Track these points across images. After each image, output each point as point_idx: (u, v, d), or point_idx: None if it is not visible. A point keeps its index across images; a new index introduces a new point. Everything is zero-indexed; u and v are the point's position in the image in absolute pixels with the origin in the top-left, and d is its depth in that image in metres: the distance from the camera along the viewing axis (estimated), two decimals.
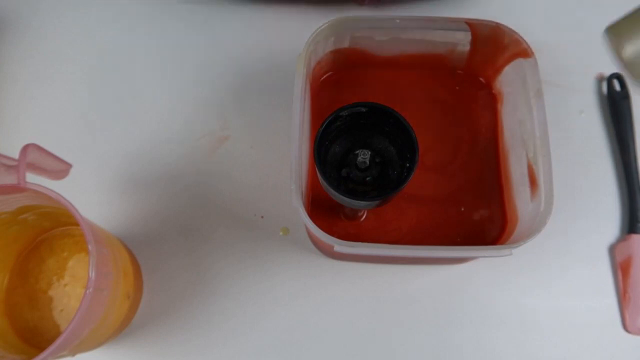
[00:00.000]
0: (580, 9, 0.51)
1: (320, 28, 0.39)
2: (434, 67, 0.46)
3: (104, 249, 0.34)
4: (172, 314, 0.43)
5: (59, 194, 0.32)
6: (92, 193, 0.45)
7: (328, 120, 0.34)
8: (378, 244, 0.35)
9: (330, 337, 0.42)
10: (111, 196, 0.45)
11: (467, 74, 0.46)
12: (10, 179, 0.32)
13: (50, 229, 0.42)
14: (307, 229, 0.42)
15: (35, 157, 0.33)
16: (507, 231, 0.41)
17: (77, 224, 0.35)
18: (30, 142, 0.32)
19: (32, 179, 0.32)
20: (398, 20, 0.41)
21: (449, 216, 0.43)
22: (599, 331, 0.42)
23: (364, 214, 0.42)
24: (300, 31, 0.41)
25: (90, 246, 0.31)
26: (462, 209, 0.43)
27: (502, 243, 0.41)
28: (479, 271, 0.43)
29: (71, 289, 0.41)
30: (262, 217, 0.45)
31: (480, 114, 0.45)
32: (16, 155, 0.32)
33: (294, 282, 0.43)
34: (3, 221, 0.38)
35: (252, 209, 0.45)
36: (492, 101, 0.46)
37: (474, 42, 0.42)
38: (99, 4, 0.51)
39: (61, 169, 0.36)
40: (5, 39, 0.50)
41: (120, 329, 0.41)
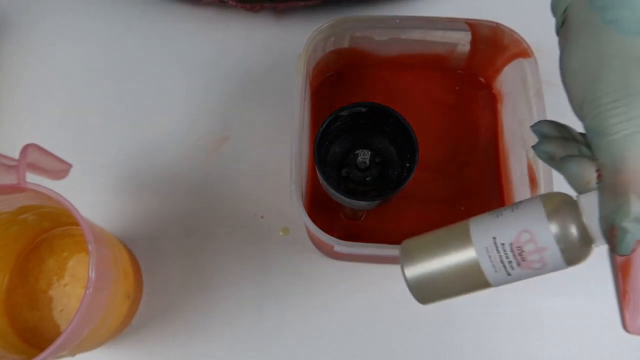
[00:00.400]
0: None
1: (320, 28, 0.39)
2: (434, 67, 0.46)
3: (104, 249, 0.34)
4: (172, 314, 0.43)
5: (59, 194, 0.32)
6: (92, 193, 0.45)
7: (328, 120, 0.34)
8: (378, 244, 0.35)
9: (330, 337, 0.42)
10: (111, 196, 0.45)
11: (467, 74, 0.46)
12: (10, 179, 0.32)
13: (50, 229, 0.42)
14: (307, 229, 0.42)
15: (35, 157, 0.33)
16: None
17: (77, 224, 0.35)
18: (30, 142, 0.32)
19: (32, 179, 0.32)
20: (398, 20, 0.41)
21: (449, 216, 0.43)
22: (599, 331, 0.42)
23: (364, 214, 0.42)
24: (300, 31, 0.41)
25: (90, 246, 0.31)
26: (462, 208, 0.43)
27: None
28: None
29: (71, 289, 0.41)
30: (262, 217, 0.45)
31: (480, 114, 0.45)
32: (16, 155, 0.32)
33: (294, 282, 0.43)
34: (3, 221, 0.38)
35: (252, 209, 0.45)
36: (492, 101, 0.46)
37: (474, 42, 0.42)
38: (99, 5, 0.51)
39: (61, 169, 0.36)
40: (5, 39, 0.50)
41: (120, 329, 0.41)
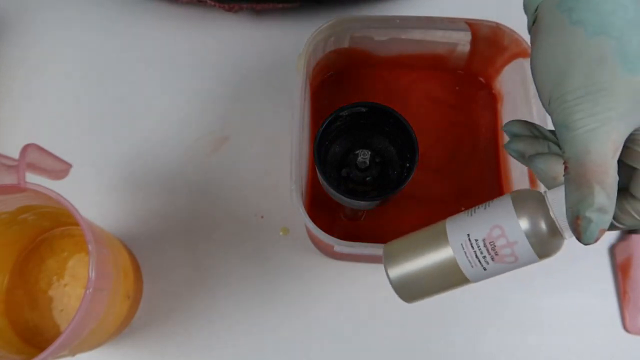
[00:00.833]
0: None
1: (320, 28, 0.39)
2: (434, 67, 0.46)
3: (104, 249, 0.34)
4: (172, 314, 0.43)
5: (59, 194, 0.32)
6: (92, 193, 0.45)
7: (328, 120, 0.34)
8: (378, 244, 0.35)
9: (330, 336, 0.42)
10: (111, 196, 0.45)
11: (467, 74, 0.46)
12: (10, 179, 0.32)
13: (50, 229, 0.42)
14: (307, 229, 0.42)
15: (35, 157, 0.33)
16: None
17: (77, 224, 0.35)
18: (30, 142, 0.32)
19: (32, 179, 0.32)
20: (398, 20, 0.41)
21: (449, 216, 0.42)
22: (599, 331, 0.42)
23: (364, 214, 0.42)
24: (300, 31, 0.41)
25: (90, 246, 0.31)
26: (462, 209, 0.43)
27: None
28: None
29: (71, 289, 0.41)
30: (262, 217, 0.45)
31: (480, 114, 0.45)
32: (16, 155, 0.32)
33: (294, 282, 0.43)
34: (3, 221, 0.38)
35: (252, 209, 0.45)
36: (492, 101, 0.46)
37: (474, 42, 0.42)
38: (99, 4, 0.51)
39: (61, 169, 0.36)
40: (5, 39, 0.50)
41: (120, 329, 0.41)
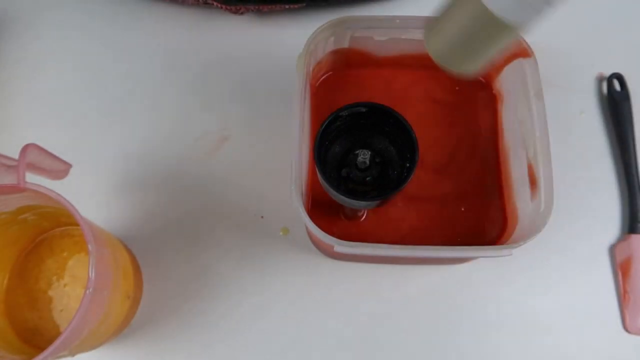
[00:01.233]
0: (580, 9, 0.51)
1: (320, 28, 0.39)
2: (434, 67, 0.46)
3: (104, 249, 0.34)
4: (172, 314, 0.43)
5: (59, 194, 0.32)
6: (92, 193, 0.45)
7: (328, 120, 0.34)
8: (378, 244, 0.35)
9: (330, 337, 0.42)
10: (111, 196, 0.45)
11: None
12: (10, 179, 0.32)
13: (50, 229, 0.42)
14: (307, 229, 0.42)
15: (35, 157, 0.33)
16: (507, 231, 0.41)
17: (77, 224, 0.35)
18: (30, 142, 0.32)
19: (32, 179, 0.32)
20: (398, 20, 0.41)
21: (449, 216, 0.43)
22: (599, 331, 0.42)
23: (364, 214, 0.42)
24: (300, 31, 0.41)
25: (90, 246, 0.31)
26: (462, 209, 0.43)
27: (502, 243, 0.40)
28: (479, 271, 0.43)
29: (71, 289, 0.41)
30: (262, 217, 0.45)
31: (480, 114, 0.45)
32: (16, 155, 0.32)
33: (294, 282, 0.43)
34: (3, 221, 0.37)
35: (252, 209, 0.45)
36: (492, 101, 0.46)
37: None
38: (99, 4, 0.51)
39: (61, 169, 0.36)
40: (5, 39, 0.50)
41: (120, 329, 0.41)
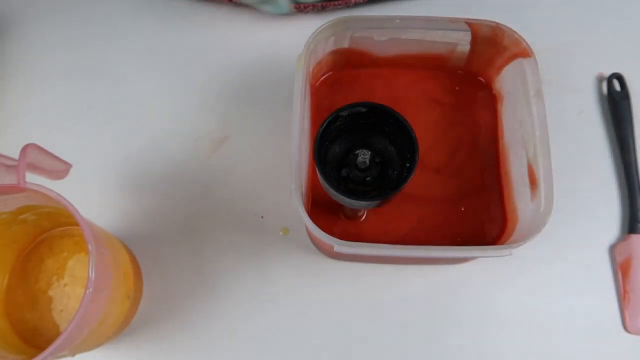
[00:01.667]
0: (579, 9, 0.51)
1: (320, 28, 0.39)
2: (434, 67, 0.46)
3: (104, 249, 0.34)
4: (172, 314, 0.43)
5: (59, 194, 0.32)
6: (92, 193, 0.45)
7: (328, 120, 0.34)
8: (378, 244, 0.35)
9: (330, 337, 0.42)
10: (111, 196, 0.45)
11: (467, 74, 0.46)
12: (10, 179, 0.32)
13: (50, 229, 0.42)
14: (307, 229, 0.42)
15: (35, 157, 0.33)
16: (507, 231, 0.41)
17: (77, 224, 0.35)
18: (30, 142, 0.32)
19: (32, 179, 0.32)
20: (398, 20, 0.41)
21: (449, 216, 0.43)
22: (599, 331, 0.42)
23: (364, 214, 0.42)
24: (300, 31, 0.41)
25: (90, 246, 0.31)
26: (462, 209, 0.43)
27: (502, 243, 0.40)
28: (479, 271, 0.43)
29: (71, 289, 0.41)
30: (262, 217, 0.45)
31: (480, 114, 0.45)
32: (16, 155, 0.32)
33: (293, 282, 0.43)
34: (3, 221, 0.37)
35: (252, 209, 0.45)
36: (492, 101, 0.46)
37: (474, 42, 0.42)
38: (99, 4, 0.51)
39: (61, 169, 0.36)
40: (5, 39, 0.50)
41: (120, 329, 0.41)
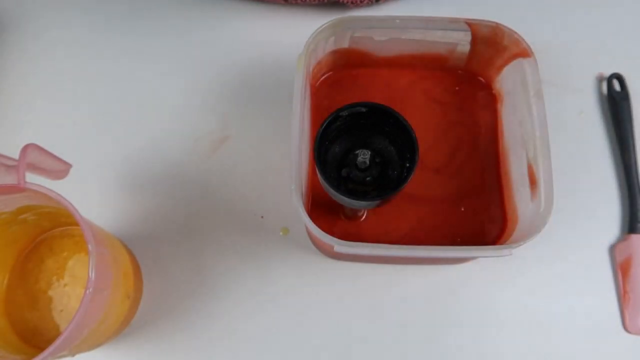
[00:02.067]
0: (579, 9, 0.51)
1: (320, 28, 0.39)
2: (434, 67, 0.46)
3: (104, 249, 0.34)
4: (172, 314, 0.43)
5: (59, 194, 0.32)
6: (92, 193, 0.45)
7: (328, 120, 0.34)
8: (378, 244, 0.35)
9: (330, 337, 0.42)
10: (111, 196, 0.45)
11: (467, 74, 0.46)
12: (10, 179, 0.32)
13: (50, 229, 0.42)
14: (307, 229, 0.42)
15: (35, 157, 0.33)
16: (507, 231, 0.41)
17: (77, 224, 0.35)
18: (30, 142, 0.32)
19: (32, 179, 0.32)
20: (398, 20, 0.41)
21: (449, 216, 0.43)
22: (599, 331, 0.42)
23: (364, 214, 0.42)
24: (300, 31, 0.41)
25: (90, 246, 0.31)
26: (462, 209, 0.43)
27: (502, 243, 0.40)
28: (479, 271, 0.43)
29: (71, 289, 0.41)
30: (262, 217, 0.45)
31: (480, 114, 0.45)
32: (16, 155, 0.32)
33: (293, 282, 0.43)
34: (3, 221, 0.37)
35: (252, 209, 0.45)
36: (492, 101, 0.46)
37: (474, 42, 0.42)
38: (99, 4, 0.51)
39: (61, 169, 0.36)
40: (5, 39, 0.50)
41: (120, 329, 0.41)
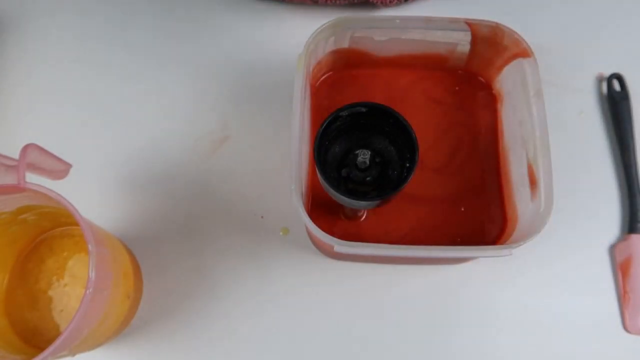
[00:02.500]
0: (580, 9, 0.51)
1: (320, 28, 0.39)
2: (434, 67, 0.46)
3: (104, 249, 0.34)
4: (172, 314, 0.43)
5: (59, 194, 0.32)
6: (92, 193, 0.45)
7: (328, 120, 0.34)
8: (378, 244, 0.35)
9: (330, 337, 0.42)
10: (111, 196, 0.45)
11: (467, 74, 0.46)
12: (10, 179, 0.32)
13: (50, 229, 0.42)
14: (307, 229, 0.42)
15: (35, 157, 0.33)
16: (507, 231, 0.41)
17: (77, 224, 0.35)
18: (30, 142, 0.32)
19: (32, 179, 0.32)
20: (398, 20, 0.41)
21: (449, 216, 0.43)
22: (599, 331, 0.42)
23: (364, 214, 0.42)
24: (300, 31, 0.41)
25: (90, 246, 0.31)
26: (462, 209, 0.43)
27: (502, 243, 0.41)
28: (479, 271, 0.43)
29: (71, 289, 0.41)
30: (262, 217, 0.45)
31: (480, 114, 0.45)
32: (16, 155, 0.32)
33: (293, 282, 0.43)
34: (3, 221, 0.37)
35: (252, 209, 0.45)
36: (492, 101, 0.46)
37: (474, 42, 0.42)
38: (99, 3, 0.51)
39: (61, 169, 0.36)
40: (5, 39, 0.50)
41: (120, 329, 0.41)
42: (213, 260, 0.44)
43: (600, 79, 0.49)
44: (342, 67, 0.46)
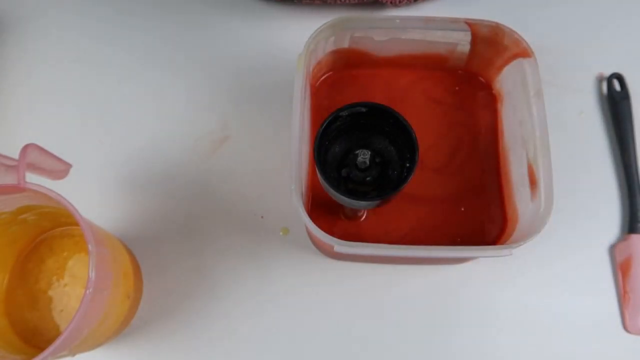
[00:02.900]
0: (580, 9, 0.51)
1: (320, 28, 0.39)
2: (434, 67, 0.46)
3: (104, 249, 0.34)
4: (172, 314, 0.43)
5: (59, 194, 0.32)
6: (92, 193, 0.45)
7: (328, 120, 0.34)
8: (378, 244, 0.35)
9: (330, 337, 0.42)
10: (111, 196, 0.45)
11: (467, 74, 0.46)
12: (10, 179, 0.32)
13: (50, 229, 0.42)
14: (307, 229, 0.42)
15: (35, 157, 0.33)
16: (507, 231, 0.41)
17: (77, 224, 0.35)
18: (30, 142, 0.32)
19: (32, 179, 0.32)
20: (398, 20, 0.41)
21: (449, 216, 0.43)
22: (599, 331, 0.42)
23: (364, 214, 0.42)
24: (300, 31, 0.41)
25: (90, 246, 0.31)
26: (462, 209, 0.43)
27: (502, 243, 0.41)
28: (479, 271, 0.43)
29: (71, 289, 0.41)
30: (262, 217, 0.45)
31: (480, 114, 0.45)
32: (16, 155, 0.32)
33: (293, 282, 0.43)
34: (3, 221, 0.37)
35: (252, 209, 0.45)
36: (492, 101, 0.46)
37: (474, 42, 0.42)
38: (98, 5, 0.51)
39: (61, 169, 0.36)
40: (6, 39, 0.50)
41: (120, 329, 0.41)
42: (213, 260, 0.44)
43: (600, 79, 0.49)
44: (342, 67, 0.46)
